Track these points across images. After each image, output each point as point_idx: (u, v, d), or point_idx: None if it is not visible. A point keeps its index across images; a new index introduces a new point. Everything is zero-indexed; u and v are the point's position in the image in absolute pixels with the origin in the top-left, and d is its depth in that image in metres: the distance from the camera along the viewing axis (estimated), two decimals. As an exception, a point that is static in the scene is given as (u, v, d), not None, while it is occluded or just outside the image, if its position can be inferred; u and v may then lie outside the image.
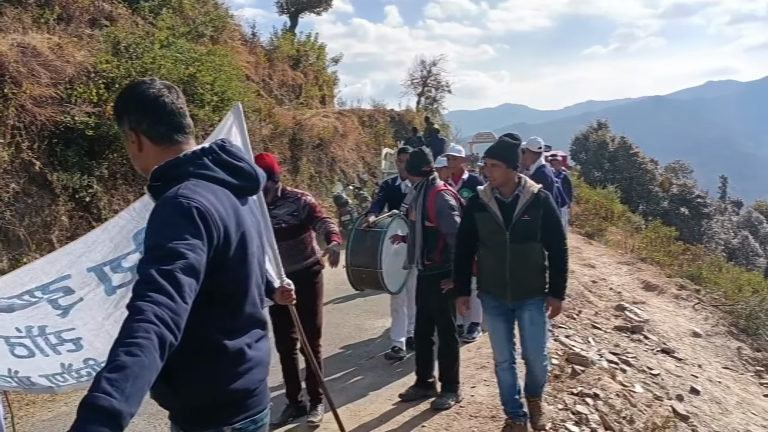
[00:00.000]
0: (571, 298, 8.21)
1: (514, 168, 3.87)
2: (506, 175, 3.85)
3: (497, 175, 3.86)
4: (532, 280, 3.94)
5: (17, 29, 8.66)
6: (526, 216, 3.83)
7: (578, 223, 17.63)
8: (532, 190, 3.88)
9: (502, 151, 3.89)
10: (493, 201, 3.91)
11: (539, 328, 4.06)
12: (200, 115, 9.73)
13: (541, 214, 3.84)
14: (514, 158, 3.88)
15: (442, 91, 32.52)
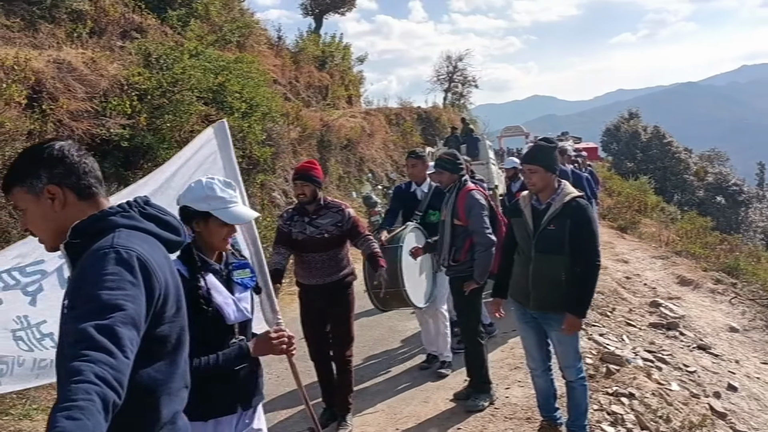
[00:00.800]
0: (605, 295, 8.14)
1: (552, 172, 3.72)
2: (545, 180, 3.69)
3: (536, 180, 3.70)
4: (555, 293, 3.69)
5: (52, 45, 8.93)
6: (552, 226, 3.64)
7: (610, 217, 17.41)
8: (564, 199, 3.66)
9: (540, 153, 3.77)
10: (528, 207, 3.80)
11: (568, 347, 3.86)
12: (229, 122, 9.88)
13: (569, 224, 3.60)
14: (552, 161, 3.75)
15: (468, 86, 32.44)
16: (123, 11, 11.15)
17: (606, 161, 32.71)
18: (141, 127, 8.03)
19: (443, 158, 4.78)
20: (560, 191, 3.71)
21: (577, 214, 3.62)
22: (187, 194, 2.39)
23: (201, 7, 13.81)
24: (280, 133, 12.69)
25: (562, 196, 3.68)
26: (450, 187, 4.70)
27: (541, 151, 3.79)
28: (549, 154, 3.75)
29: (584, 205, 3.69)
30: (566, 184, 3.78)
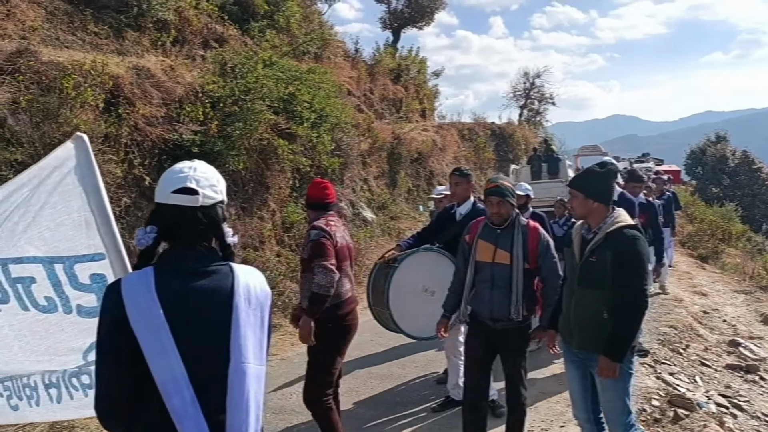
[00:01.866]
0: (678, 330, 7.64)
1: (594, 199, 3.38)
2: (584, 206, 3.41)
3: (575, 206, 3.50)
4: (595, 332, 3.32)
5: (136, 52, 9.32)
6: (593, 257, 3.34)
7: (690, 245, 16.51)
8: (609, 228, 3.34)
9: (580, 179, 3.54)
10: (578, 236, 3.52)
11: (612, 396, 3.39)
12: (299, 132, 10.03)
13: (610, 256, 3.26)
14: (595, 188, 3.41)
15: (545, 103, 31.78)
16: (206, 22, 11.55)
17: (689, 185, 31.19)
18: (212, 134, 8.22)
19: (507, 186, 3.94)
20: (609, 219, 3.38)
21: (621, 245, 3.28)
22: (217, 185, 1.99)
23: (282, 20, 14.15)
24: (350, 143, 12.76)
25: (609, 225, 3.36)
26: (509, 221, 3.88)
27: (588, 176, 3.51)
28: (595, 180, 3.45)
29: (631, 235, 3.31)
30: (620, 213, 3.42)
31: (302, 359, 6.60)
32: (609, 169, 3.52)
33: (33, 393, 2.63)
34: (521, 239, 3.83)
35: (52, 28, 8.29)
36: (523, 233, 3.86)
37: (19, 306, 2.54)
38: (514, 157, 25.05)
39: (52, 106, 6.22)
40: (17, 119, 6.03)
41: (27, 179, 2.58)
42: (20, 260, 2.53)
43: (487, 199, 3.88)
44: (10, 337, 2.57)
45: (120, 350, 1.75)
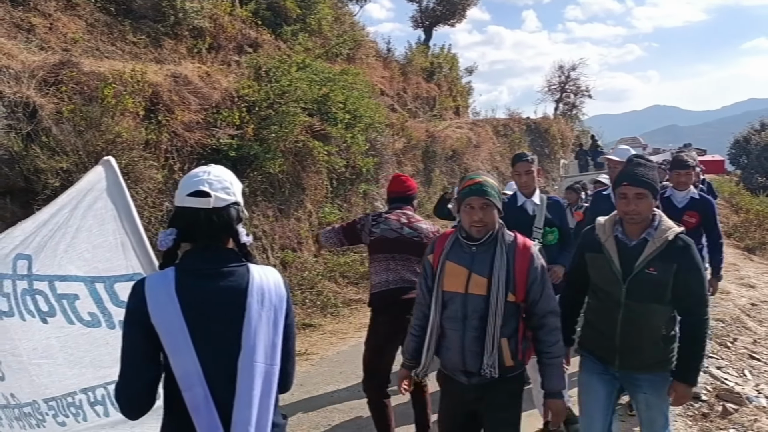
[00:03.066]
0: (725, 323, 7.45)
1: (657, 198, 2.95)
2: (650, 208, 2.92)
3: (644, 209, 2.89)
4: (650, 351, 2.96)
5: (174, 59, 9.53)
6: (651, 269, 2.87)
7: (736, 236, 16.05)
8: (666, 235, 2.88)
9: (644, 174, 2.93)
10: (611, 240, 2.98)
11: (657, 413, 3.04)
12: (333, 133, 10.10)
13: (675, 269, 2.85)
14: (658, 184, 2.98)
15: (581, 96, 31.30)
16: (240, 27, 11.72)
17: (734, 175, 30.31)
18: (248, 138, 8.35)
19: (492, 184, 2.92)
20: (658, 224, 2.93)
21: (686, 256, 2.88)
22: (230, 187, 2.04)
23: (314, 22, 14.27)
24: (384, 143, 12.80)
25: (662, 231, 2.90)
26: (488, 237, 2.83)
27: (648, 171, 2.95)
28: (653, 175, 2.96)
29: (691, 244, 2.91)
30: (662, 215, 2.99)
31: (342, 358, 6.68)
32: (649, 161, 3.12)
33: (78, 411, 2.70)
34: (505, 260, 2.78)
35: (93, 39, 8.53)
36: (509, 253, 2.80)
37: (65, 320, 2.64)
38: (550, 152, 24.77)
39: (95, 115, 6.40)
40: (61, 129, 6.23)
41: (66, 201, 2.69)
42: (65, 278, 2.63)
43: (465, 201, 2.81)
44: (56, 348, 2.67)
45: (140, 346, 1.88)
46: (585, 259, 3.10)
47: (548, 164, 24.37)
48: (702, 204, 5.10)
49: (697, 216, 4.97)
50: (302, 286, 8.73)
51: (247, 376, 1.89)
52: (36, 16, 7.85)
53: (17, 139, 5.92)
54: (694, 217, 4.94)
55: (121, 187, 2.63)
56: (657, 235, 2.91)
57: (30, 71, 6.34)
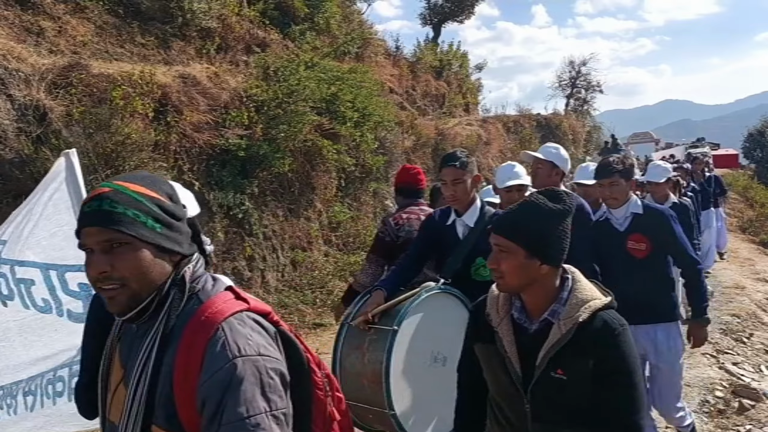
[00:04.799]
0: (741, 318, 7.37)
1: (542, 257, 1.88)
2: (523, 271, 1.90)
3: (504, 268, 1.91)
4: None
5: (182, 61, 9.54)
6: (559, 370, 1.87)
7: (752, 230, 15.88)
8: (578, 315, 1.86)
9: (513, 218, 1.94)
10: (506, 323, 1.98)
11: None
12: (342, 132, 10.09)
13: (592, 366, 1.85)
14: (542, 236, 1.89)
15: (592, 91, 31.07)
16: (248, 27, 11.72)
17: (748, 169, 29.98)
18: (257, 138, 8.36)
19: None
20: (568, 296, 1.92)
21: (609, 347, 1.87)
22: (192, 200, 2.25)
23: (322, 21, 14.25)
24: (394, 141, 12.76)
25: (574, 308, 1.88)
26: None
27: (529, 213, 1.92)
28: (542, 221, 1.89)
29: (618, 327, 1.89)
30: (577, 279, 1.96)
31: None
32: (562, 200, 1.91)
33: (12, 401, 2.82)
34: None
35: (102, 41, 8.56)
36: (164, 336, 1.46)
37: (21, 304, 2.83)
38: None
39: (104, 116, 6.43)
40: (71, 131, 6.26)
41: (35, 192, 2.91)
42: (23, 263, 2.83)
43: None
44: (13, 331, 2.83)
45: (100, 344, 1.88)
46: (476, 354, 2.10)
47: (560, 160, 24.21)
48: (651, 220, 3.71)
49: (646, 240, 3.66)
50: (312, 285, 8.73)
51: None
52: (45, 19, 7.89)
53: (27, 141, 5.96)
54: (642, 241, 3.67)
55: (77, 178, 2.80)
56: (565, 313, 1.88)
57: (40, 74, 6.38)
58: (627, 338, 1.90)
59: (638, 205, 3.77)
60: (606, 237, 3.74)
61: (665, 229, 3.68)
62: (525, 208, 1.91)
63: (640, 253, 3.66)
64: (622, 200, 3.73)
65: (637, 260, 3.66)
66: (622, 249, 3.68)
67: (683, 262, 3.75)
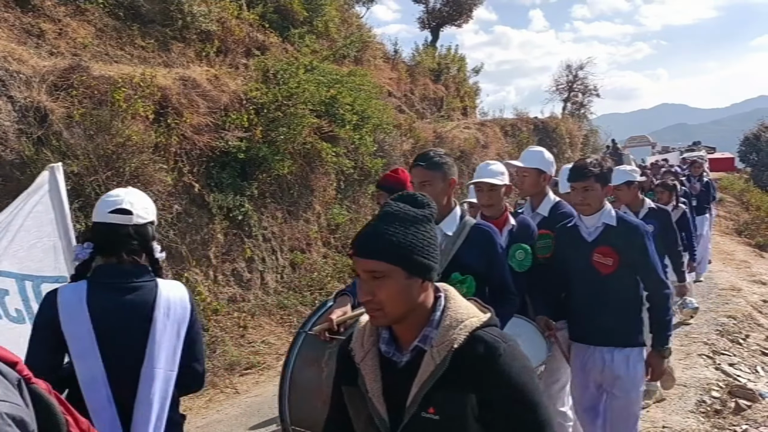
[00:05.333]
0: (737, 320, 7.41)
1: (408, 268, 1.56)
2: (394, 289, 1.56)
3: (382, 297, 1.57)
4: None
5: (182, 63, 9.58)
6: (429, 410, 1.54)
7: (747, 233, 15.96)
8: (453, 338, 1.54)
9: (377, 236, 1.57)
10: (371, 358, 1.66)
11: None
12: (341, 134, 10.13)
13: (475, 401, 1.52)
14: (404, 247, 1.55)
15: (589, 95, 31.20)
16: (248, 31, 11.77)
17: (744, 172, 30.10)
18: (257, 140, 8.39)
19: None
20: (440, 318, 1.59)
21: (494, 377, 1.52)
22: (149, 206, 2.26)
23: (321, 25, 14.31)
24: (392, 144, 12.81)
25: (446, 331, 1.56)
26: None
27: (391, 225, 1.57)
28: (404, 230, 1.56)
29: (504, 347, 1.54)
30: (451, 297, 1.64)
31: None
32: (425, 204, 1.62)
33: None
34: None
35: (102, 44, 8.59)
36: None
37: None
38: (559, 151, 24.66)
39: (105, 118, 6.45)
40: (72, 132, 6.29)
41: (17, 202, 2.91)
42: None
43: None
44: None
45: (45, 351, 2.10)
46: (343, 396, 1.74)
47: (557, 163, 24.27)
48: (623, 233, 3.33)
49: (614, 255, 3.30)
50: (311, 287, 8.76)
51: (148, 381, 2.09)
52: (46, 21, 7.92)
53: (28, 143, 5.98)
54: (609, 256, 3.31)
55: (60, 193, 2.85)
56: (438, 338, 1.54)
57: (41, 76, 6.40)
58: (516, 359, 1.54)
59: (612, 215, 3.38)
60: (572, 246, 3.43)
61: (636, 245, 3.30)
62: (389, 219, 1.56)
63: (606, 269, 3.31)
64: (595, 207, 3.36)
65: (602, 276, 3.32)
66: (586, 261, 3.34)
67: (651, 284, 3.33)
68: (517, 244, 3.43)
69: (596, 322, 3.28)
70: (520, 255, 3.41)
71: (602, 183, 3.35)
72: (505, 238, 3.42)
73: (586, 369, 3.41)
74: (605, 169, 3.38)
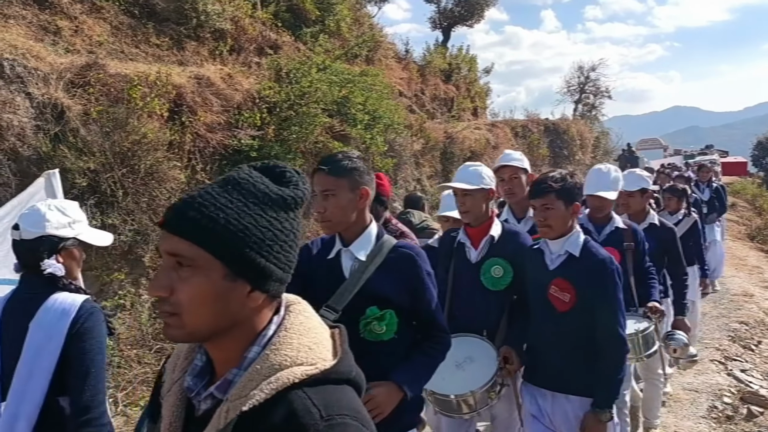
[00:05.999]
0: (749, 326, 7.38)
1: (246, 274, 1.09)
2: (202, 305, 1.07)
3: (181, 301, 1.08)
4: None
5: (196, 62, 9.63)
6: None
7: (760, 238, 15.85)
8: (253, 392, 1.03)
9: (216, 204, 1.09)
10: (174, 393, 1.18)
11: None
12: (353, 134, 10.15)
13: None
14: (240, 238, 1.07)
15: (601, 96, 31.08)
16: (261, 29, 11.82)
17: (757, 177, 29.92)
18: (269, 138, 8.43)
19: None
20: (261, 348, 1.11)
21: None
22: (43, 221, 2.36)
23: (333, 24, 14.35)
24: (403, 144, 12.83)
25: (251, 378, 1.06)
26: None
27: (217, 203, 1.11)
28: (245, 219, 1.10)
29: (319, 426, 1.00)
30: (295, 323, 1.14)
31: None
32: (290, 181, 1.22)
33: None
34: None
35: (117, 41, 8.66)
36: None
37: None
38: (569, 153, 24.59)
39: (121, 116, 6.51)
40: (89, 129, 6.34)
41: (10, 208, 3.01)
42: (1, 281, 3.02)
43: None
44: None
45: None
46: None
47: (567, 165, 24.23)
48: (585, 267, 2.88)
49: (572, 291, 2.87)
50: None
51: (21, 380, 2.26)
52: (62, 18, 7.99)
53: (45, 139, 6.04)
54: (567, 291, 2.88)
55: (56, 198, 2.91)
56: (237, 388, 1.07)
57: (58, 73, 6.46)
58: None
59: (578, 243, 2.90)
60: (534, 272, 3.01)
61: (598, 284, 2.83)
62: (227, 188, 1.11)
63: (562, 305, 2.87)
64: (558, 230, 2.89)
65: (557, 312, 2.89)
66: (543, 293, 2.92)
67: (604, 331, 2.83)
68: (494, 259, 3.08)
69: (547, 362, 2.94)
70: (497, 271, 3.06)
71: (566, 201, 2.87)
72: (480, 250, 3.13)
73: (535, 413, 3.02)
74: (569, 184, 2.89)
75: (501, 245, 3.11)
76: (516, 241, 3.15)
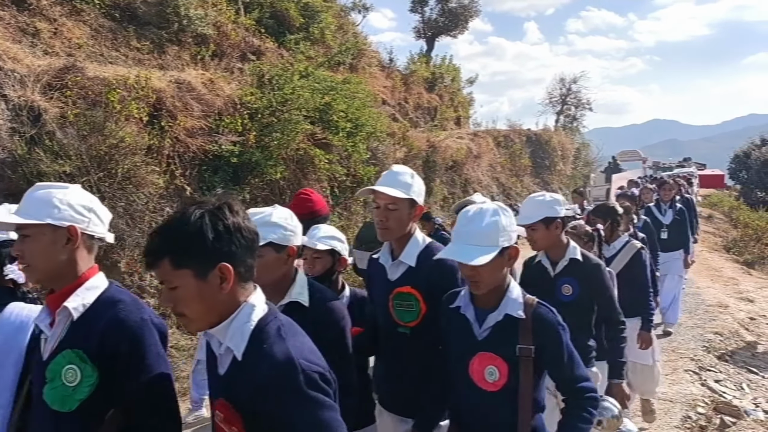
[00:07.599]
0: (724, 336, 7.46)
1: None
2: None
3: None
4: None
5: (177, 66, 9.57)
6: None
7: (736, 250, 16.08)
8: None
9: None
10: None
11: None
12: (334, 141, 10.14)
13: None
14: None
15: (582, 108, 31.44)
16: (244, 35, 11.79)
17: (734, 190, 30.40)
18: (250, 145, 8.39)
19: None
20: None
21: None
22: None
23: (317, 31, 14.35)
24: (385, 152, 12.84)
25: None
26: None
27: None
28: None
29: None
30: None
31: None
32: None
33: None
34: None
35: (97, 44, 8.58)
36: None
37: None
38: (551, 163, 24.82)
39: (99, 119, 6.44)
40: (65, 133, 6.26)
41: None
42: None
43: None
44: None
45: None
46: None
47: (548, 176, 24.43)
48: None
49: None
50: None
51: None
52: (41, 20, 7.90)
53: (21, 142, 5.96)
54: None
55: None
56: None
57: (35, 75, 6.39)
58: None
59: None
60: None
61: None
62: None
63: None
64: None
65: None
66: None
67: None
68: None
69: None
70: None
71: None
72: None
73: None
74: None
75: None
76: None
